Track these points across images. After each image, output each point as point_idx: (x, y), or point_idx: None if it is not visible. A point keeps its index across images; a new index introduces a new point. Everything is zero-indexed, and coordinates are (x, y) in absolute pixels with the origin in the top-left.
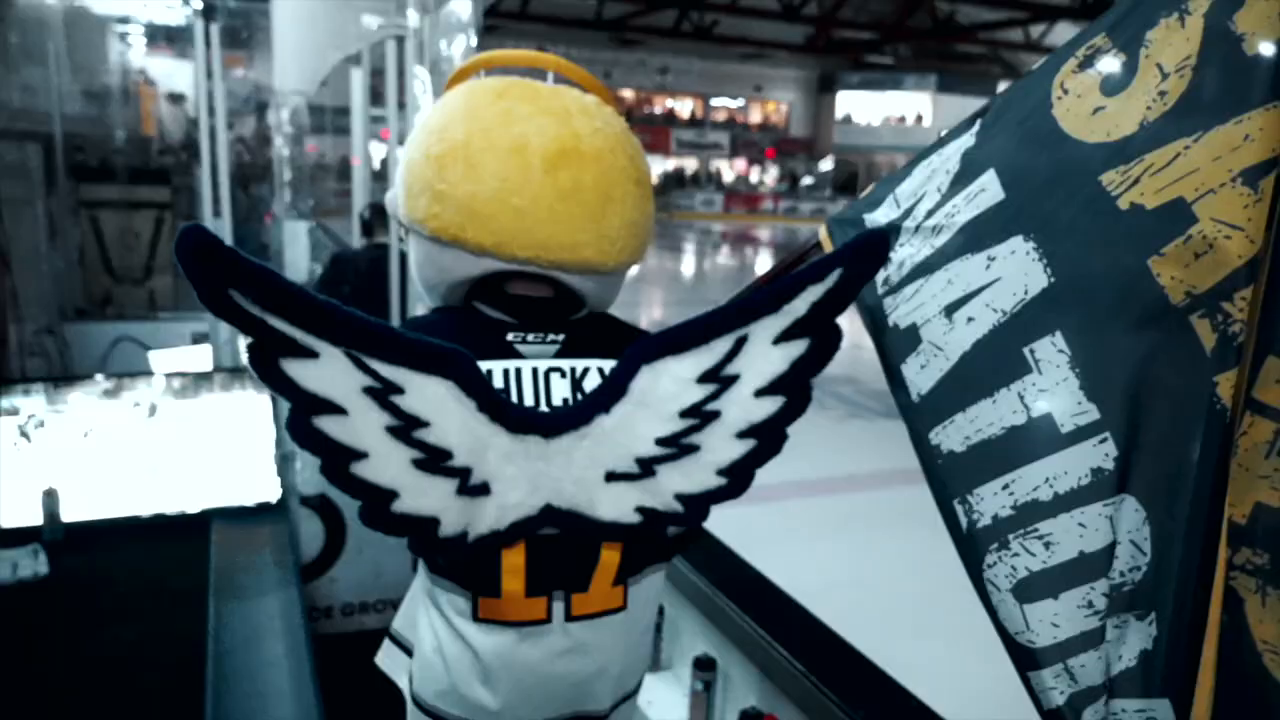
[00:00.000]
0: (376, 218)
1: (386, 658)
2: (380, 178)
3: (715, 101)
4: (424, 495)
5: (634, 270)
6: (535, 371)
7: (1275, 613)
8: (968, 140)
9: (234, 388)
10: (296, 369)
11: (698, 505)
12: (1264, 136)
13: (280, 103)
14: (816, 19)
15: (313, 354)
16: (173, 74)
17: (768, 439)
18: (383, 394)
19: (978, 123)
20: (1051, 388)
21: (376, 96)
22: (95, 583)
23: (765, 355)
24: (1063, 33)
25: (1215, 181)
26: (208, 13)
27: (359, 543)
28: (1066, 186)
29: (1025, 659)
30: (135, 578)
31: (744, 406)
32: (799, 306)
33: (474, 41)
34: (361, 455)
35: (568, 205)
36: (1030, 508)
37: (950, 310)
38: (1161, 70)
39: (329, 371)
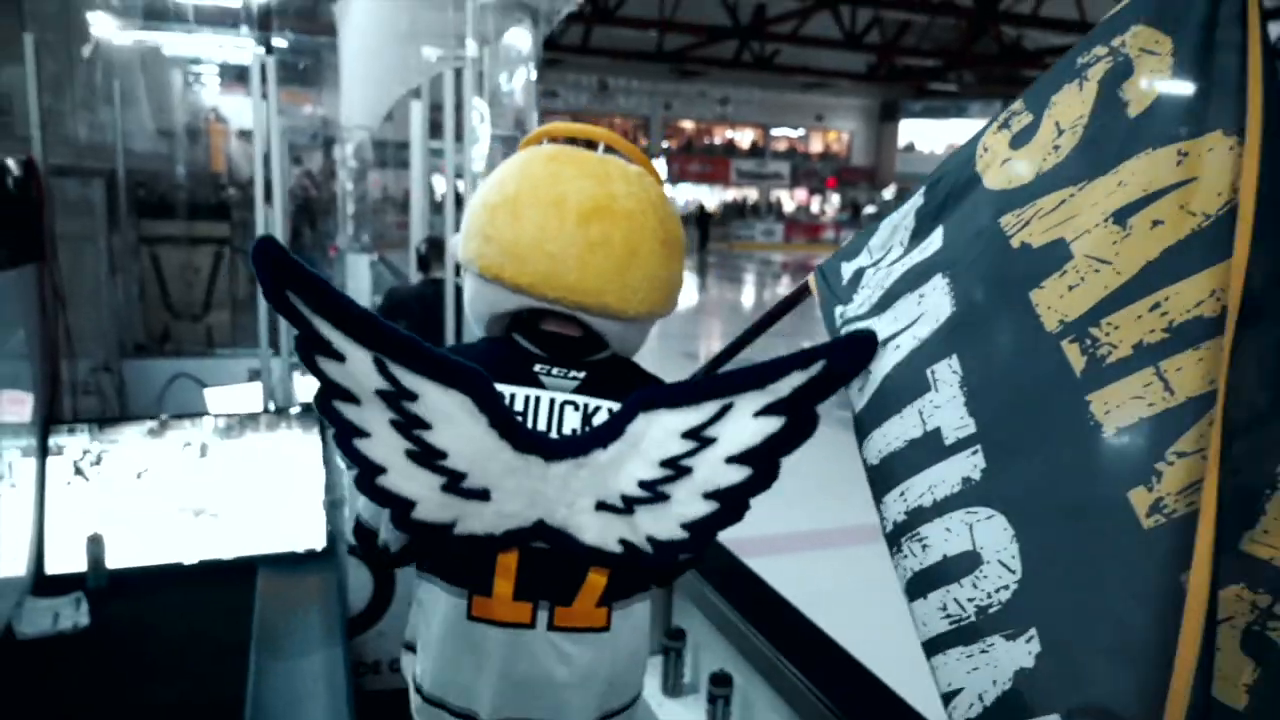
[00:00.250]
0: (433, 252)
1: (407, 663)
2: (440, 211)
3: (775, 131)
4: (409, 480)
5: (693, 302)
6: (553, 402)
7: None
8: (919, 200)
9: (283, 428)
10: (326, 364)
11: (663, 551)
12: (1134, 180)
13: (345, 138)
14: (879, 47)
15: (341, 357)
16: (244, 111)
17: (729, 505)
18: (394, 398)
19: (925, 186)
20: (944, 404)
21: (438, 130)
22: (135, 635)
23: (743, 425)
24: None
25: (1091, 223)
26: (265, 47)
27: (409, 594)
28: (976, 227)
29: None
30: (177, 629)
31: (714, 469)
32: (782, 388)
33: (534, 75)
34: (365, 434)
35: (595, 255)
36: (916, 513)
37: (885, 341)
38: (1058, 127)
39: (352, 371)
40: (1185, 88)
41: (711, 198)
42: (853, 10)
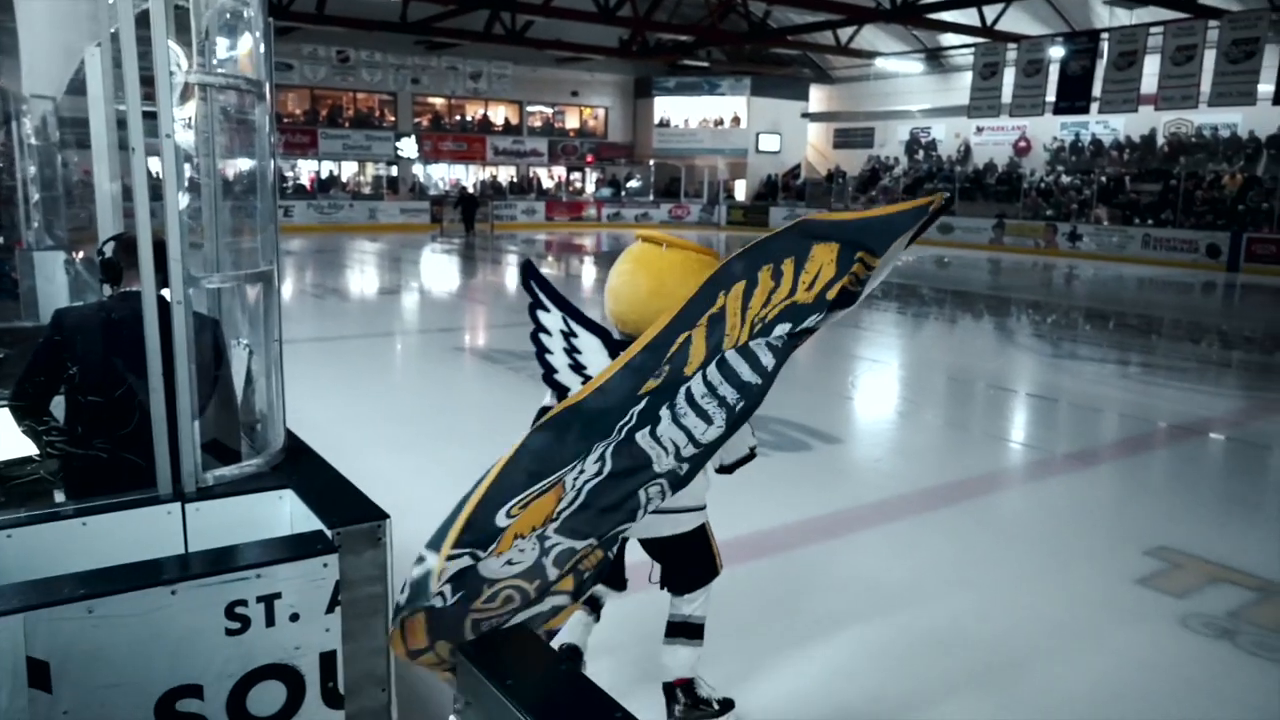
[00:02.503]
0: (124, 256)
1: None
2: (155, 197)
3: (531, 108)
4: (568, 377)
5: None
6: None
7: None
8: None
9: None
10: (540, 314)
11: None
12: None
13: (25, 111)
14: (631, 21)
15: (548, 310)
16: None
17: None
18: (566, 336)
19: None
20: None
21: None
22: None
23: None
24: (869, 36)
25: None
26: None
27: None
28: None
29: None
30: None
31: None
32: None
33: (263, 47)
34: (550, 351)
35: (645, 306)
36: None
37: None
38: None
39: (549, 320)
40: None
41: (468, 177)
42: None
